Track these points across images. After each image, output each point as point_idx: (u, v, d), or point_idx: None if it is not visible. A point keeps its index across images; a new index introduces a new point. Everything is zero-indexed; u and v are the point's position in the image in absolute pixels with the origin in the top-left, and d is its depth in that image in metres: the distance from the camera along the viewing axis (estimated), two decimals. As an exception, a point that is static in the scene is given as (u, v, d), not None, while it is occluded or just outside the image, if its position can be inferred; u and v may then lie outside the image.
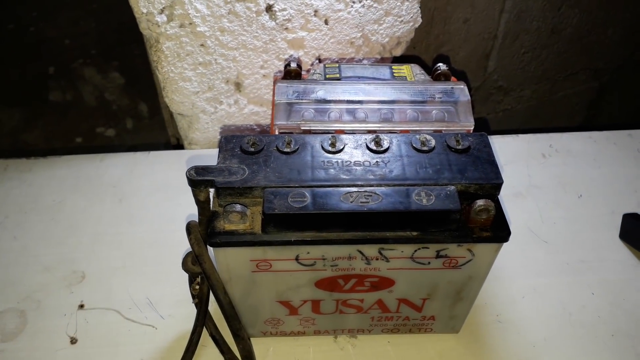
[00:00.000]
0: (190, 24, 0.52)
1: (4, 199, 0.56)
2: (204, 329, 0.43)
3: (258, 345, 0.44)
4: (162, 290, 0.48)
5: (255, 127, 0.63)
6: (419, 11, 0.58)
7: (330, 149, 0.36)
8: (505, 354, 0.44)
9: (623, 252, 0.51)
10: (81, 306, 0.47)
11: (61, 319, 0.46)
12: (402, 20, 0.57)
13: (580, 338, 0.45)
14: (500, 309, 0.47)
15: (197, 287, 0.43)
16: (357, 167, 0.35)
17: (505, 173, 0.35)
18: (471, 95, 0.74)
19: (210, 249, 0.35)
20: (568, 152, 0.62)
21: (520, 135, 0.64)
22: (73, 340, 0.44)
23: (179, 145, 0.66)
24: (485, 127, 0.80)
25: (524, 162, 0.60)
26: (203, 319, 0.42)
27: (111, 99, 0.61)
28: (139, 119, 0.64)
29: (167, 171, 0.59)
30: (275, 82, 0.44)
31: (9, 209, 0.55)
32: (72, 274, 0.49)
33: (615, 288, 0.49)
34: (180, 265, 0.42)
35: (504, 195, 0.56)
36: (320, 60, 0.58)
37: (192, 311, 0.44)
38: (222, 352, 0.43)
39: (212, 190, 0.35)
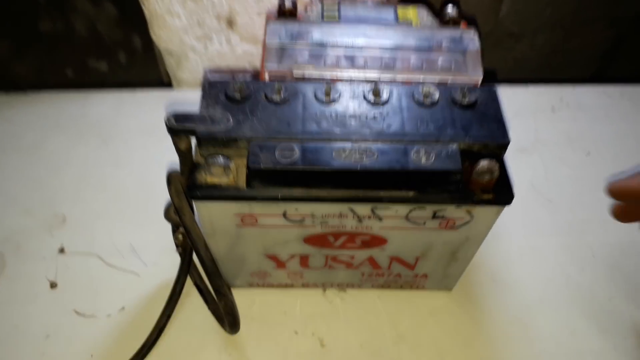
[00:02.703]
0: (178, -50, 0.47)
1: (-18, 135, 0.53)
2: (188, 278, 0.42)
3: (244, 296, 0.43)
4: (146, 237, 0.46)
5: (248, 67, 0.59)
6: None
7: (324, 98, 0.33)
8: (498, 313, 0.43)
9: (627, 214, 0.49)
10: (62, 250, 0.45)
11: (41, 263, 0.44)
12: (411, -45, 0.52)
13: (576, 301, 0.44)
14: (496, 268, 0.45)
15: (181, 236, 0.41)
16: (353, 120, 0.32)
17: (512, 126, 0.32)
18: (481, 42, 0.70)
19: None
20: (579, 106, 0.59)
21: (530, 87, 0.60)
22: (53, 285, 0.43)
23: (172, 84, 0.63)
24: (493, 79, 0.76)
25: (531, 116, 0.57)
26: (187, 269, 0.40)
27: (103, 31, 0.57)
28: (132, 52, 0.60)
29: (154, 112, 0.56)
30: (267, 22, 0.40)
31: (-13, 146, 0.52)
32: (53, 216, 0.47)
33: (617, 251, 0.47)
34: (165, 212, 0.40)
35: (508, 150, 0.53)
36: (319, -3, 0.54)
37: (176, 259, 0.42)
38: (206, 302, 0.42)
39: (194, 139, 0.32)
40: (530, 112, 0.57)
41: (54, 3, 0.54)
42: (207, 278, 0.32)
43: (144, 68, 0.61)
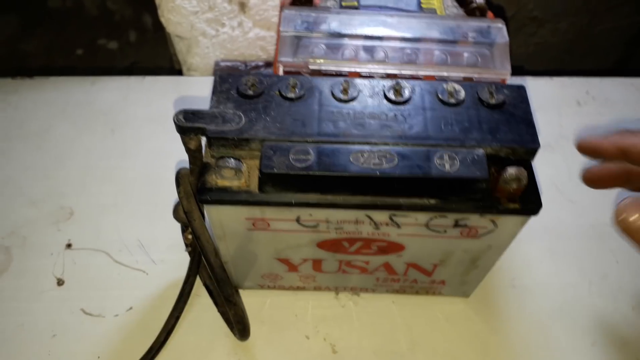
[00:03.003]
0: None
1: (-13, 122, 0.52)
2: (198, 278, 0.41)
3: (255, 297, 0.41)
4: (155, 233, 0.45)
5: (261, 54, 0.57)
6: None
7: (341, 96, 0.31)
8: (516, 321, 0.41)
9: (655, 216, 0.47)
10: (69, 245, 0.44)
11: (48, 259, 0.43)
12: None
13: (598, 309, 0.42)
14: (515, 273, 0.44)
15: (190, 236, 0.39)
16: (372, 121, 0.30)
17: (536, 121, 0.30)
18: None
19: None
20: (605, 100, 0.56)
21: (555, 78, 0.57)
22: (60, 282, 0.42)
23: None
24: (518, 70, 0.73)
25: (555, 110, 0.55)
26: (196, 269, 0.39)
27: (114, 9, 0.55)
28: (142, 31, 0.58)
29: (163, 100, 0.54)
30: (281, 8, 0.38)
31: (-8, 133, 0.51)
32: (59, 209, 0.46)
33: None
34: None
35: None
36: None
37: (185, 257, 0.41)
38: (215, 303, 0.41)
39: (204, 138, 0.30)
40: (555, 106, 0.55)
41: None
42: (217, 286, 0.31)
43: (155, 48, 0.59)
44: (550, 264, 0.44)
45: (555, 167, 0.50)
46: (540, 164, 0.50)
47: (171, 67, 0.62)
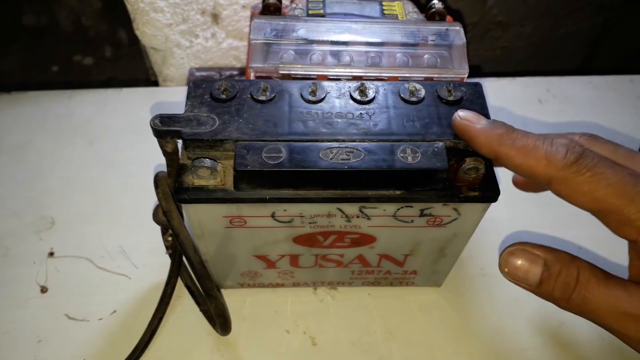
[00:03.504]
0: (160, -54, 0.46)
1: (-34, 137, 0.52)
2: (179, 280, 0.42)
3: (235, 296, 0.43)
4: (136, 239, 0.46)
5: (235, 64, 0.59)
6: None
7: (310, 98, 0.33)
8: (487, 307, 0.43)
9: (614, 205, 0.50)
10: (51, 254, 0.45)
11: (31, 267, 0.44)
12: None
13: (563, 293, 0.44)
14: (485, 263, 0.46)
15: (170, 238, 0.41)
16: (339, 120, 0.32)
17: (499, 119, 0.32)
18: (468, 32, 0.69)
19: (181, 203, 0.32)
20: (565, 97, 0.59)
21: (517, 78, 0.60)
22: (43, 289, 0.43)
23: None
24: (477, 72, 0.76)
25: (519, 108, 0.57)
26: (177, 271, 0.40)
27: (88, 25, 0.56)
28: (118, 46, 0.60)
29: (140, 111, 0.55)
30: (252, 18, 0.40)
31: (-29, 148, 0.52)
32: (40, 219, 0.47)
33: (604, 243, 0.47)
34: (153, 214, 0.40)
35: (496, 142, 0.54)
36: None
37: (167, 260, 0.42)
38: (197, 303, 0.42)
39: (180, 141, 0.32)
40: (518, 104, 0.58)
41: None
42: (197, 281, 0.32)
43: (130, 62, 0.60)
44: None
45: (520, 161, 0.53)
46: (504, 159, 0.52)
47: (147, 79, 0.63)
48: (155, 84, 0.62)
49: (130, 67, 0.62)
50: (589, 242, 0.47)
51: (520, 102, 0.58)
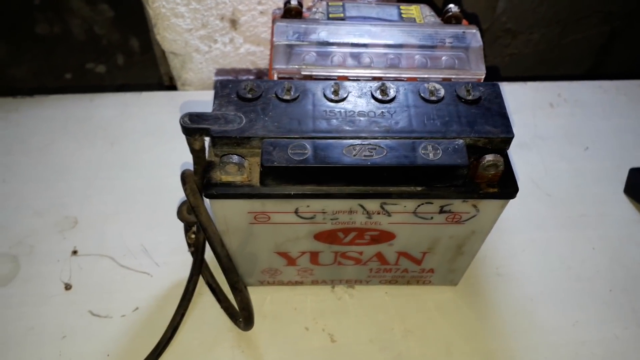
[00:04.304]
0: (183, -46, 0.48)
1: (-10, 139, 0.54)
2: (200, 277, 0.43)
3: (256, 294, 0.44)
4: (157, 238, 0.47)
5: (251, 68, 0.60)
6: (430, -55, 0.53)
7: (332, 97, 0.34)
8: (502, 306, 0.44)
9: (626, 207, 0.51)
10: (74, 252, 0.46)
11: (55, 265, 0.45)
12: (411, -45, 0.53)
13: (577, 292, 0.45)
14: (500, 262, 0.46)
15: (193, 235, 0.42)
16: (361, 118, 0.33)
17: (511, 122, 0.33)
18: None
19: (207, 199, 0.33)
20: (576, 102, 0.60)
21: (528, 83, 0.61)
22: (67, 287, 0.44)
23: (172, 86, 0.63)
24: (495, 75, 0.77)
25: (530, 112, 0.58)
26: (199, 268, 0.41)
27: (101, 33, 0.58)
28: (130, 54, 0.61)
29: (159, 114, 0.56)
30: (273, 21, 0.41)
31: (-5, 150, 0.53)
32: (64, 219, 0.48)
33: (616, 243, 0.48)
34: (175, 212, 0.41)
35: (508, 146, 0.55)
36: (322, -2, 0.55)
37: (187, 259, 0.43)
38: (218, 300, 0.43)
39: (207, 139, 0.33)
40: (529, 108, 0.58)
41: (51, 6, 0.54)
42: (224, 274, 0.33)
43: (143, 70, 0.62)
44: (531, 252, 0.47)
45: (532, 164, 0.54)
46: (518, 161, 0.53)
47: (160, 85, 0.64)
48: (168, 89, 0.63)
49: (143, 75, 0.63)
50: (601, 243, 0.48)
51: (532, 106, 0.59)
